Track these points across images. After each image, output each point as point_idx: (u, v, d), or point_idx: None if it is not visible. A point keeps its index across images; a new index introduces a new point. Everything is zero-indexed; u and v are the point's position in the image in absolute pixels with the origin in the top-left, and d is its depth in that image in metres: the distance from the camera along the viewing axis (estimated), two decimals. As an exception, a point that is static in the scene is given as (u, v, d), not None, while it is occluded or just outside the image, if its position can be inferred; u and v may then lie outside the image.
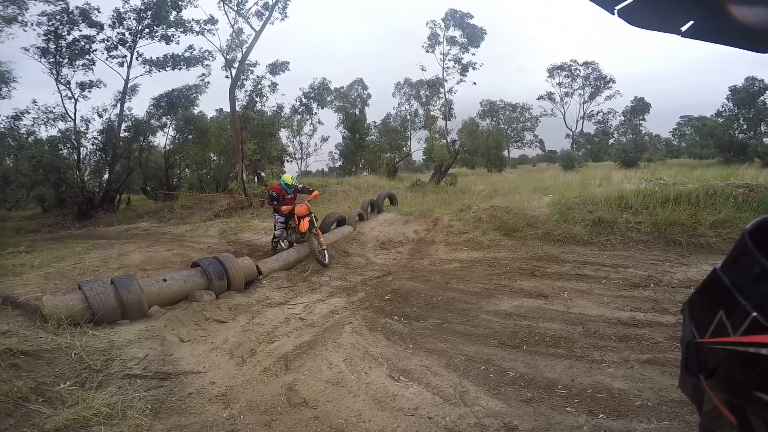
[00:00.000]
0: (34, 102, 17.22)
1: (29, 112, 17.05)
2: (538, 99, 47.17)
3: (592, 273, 5.08)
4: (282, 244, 7.28)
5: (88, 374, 2.89)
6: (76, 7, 16.31)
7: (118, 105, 18.19)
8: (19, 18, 15.50)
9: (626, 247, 5.95)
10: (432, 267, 5.93)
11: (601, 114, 46.65)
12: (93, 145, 18.45)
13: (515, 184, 14.22)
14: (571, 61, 44.73)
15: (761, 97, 25.12)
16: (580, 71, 44.56)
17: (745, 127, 25.26)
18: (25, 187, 17.83)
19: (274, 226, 7.19)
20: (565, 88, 45.92)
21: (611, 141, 45.21)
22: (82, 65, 17.26)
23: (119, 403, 2.53)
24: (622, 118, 46.15)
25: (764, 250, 0.64)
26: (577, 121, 47.35)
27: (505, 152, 42.39)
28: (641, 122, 45.38)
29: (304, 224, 6.31)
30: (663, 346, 3.16)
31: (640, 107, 44.83)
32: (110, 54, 17.59)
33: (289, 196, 6.88)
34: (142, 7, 16.96)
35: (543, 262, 5.64)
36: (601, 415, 2.37)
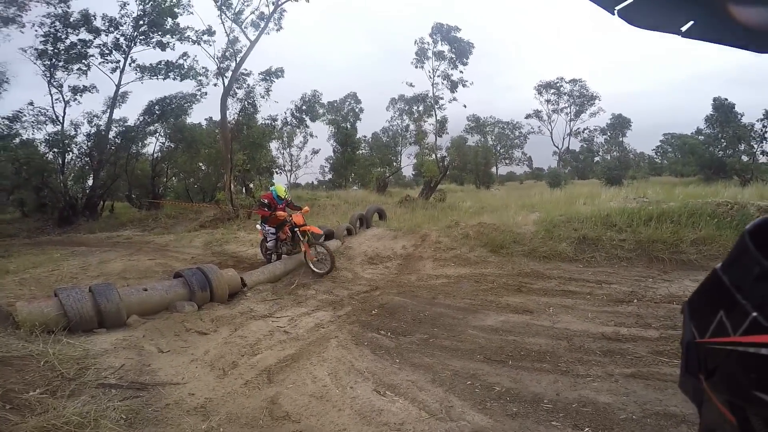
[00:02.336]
0: (31, 104, 17.04)
1: (24, 115, 16.85)
2: (527, 117, 48.19)
3: (577, 289, 5.13)
4: (265, 257, 7.21)
5: (60, 382, 2.78)
6: (79, 12, 16.28)
7: (108, 111, 18.00)
8: (18, 19, 15.36)
9: (610, 264, 6.03)
10: (419, 282, 5.91)
11: (587, 131, 47.77)
12: (79, 149, 18.17)
13: (503, 201, 14.38)
14: (557, 78, 45.90)
15: (737, 118, 26.01)
16: (566, 88, 45.71)
17: (724, 145, 26.07)
18: (5, 191, 17.35)
19: (265, 238, 7.11)
20: (553, 105, 47.03)
21: (596, 159, 46.20)
22: (77, 69, 17.15)
23: (92, 412, 2.43)
24: (606, 135, 47.26)
25: (764, 250, 0.64)
26: (563, 138, 48.42)
27: (494, 169, 42.99)
28: (623, 138, 46.58)
29: (309, 228, 6.45)
30: (647, 360, 3.19)
31: (620, 123, 46.04)
32: (105, 59, 17.51)
33: (280, 206, 6.83)
34: (141, 13, 16.96)
35: (529, 278, 5.67)
36: (587, 429, 2.37)
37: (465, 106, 25.04)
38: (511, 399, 2.74)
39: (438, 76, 24.87)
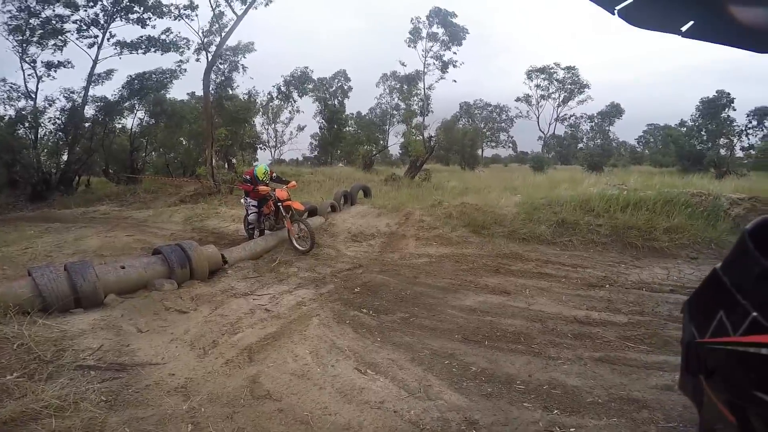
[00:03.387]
0: (3, 80, 16.42)
1: None
2: (516, 100, 48.20)
3: (553, 272, 5.26)
4: (247, 232, 7.15)
5: (37, 365, 2.72)
6: None
7: (86, 85, 17.41)
8: None
9: (586, 248, 6.20)
10: (402, 261, 5.97)
11: (573, 118, 48.09)
12: (53, 124, 17.55)
13: (486, 183, 14.50)
14: (553, 64, 45.78)
15: (725, 111, 26.57)
16: (559, 74, 45.67)
17: (705, 138, 26.66)
18: (-25, 167, 16.65)
19: (246, 210, 7.02)
20: (542, 90, 47.03)
21: (580, 145, 46.75)
22: (52, 45, 16.47)
23: (71, 395, 2.41)
24: (593, 123, 47.72)
25: (764, 250, 0.65)
26: (549, 124, 48.69)
27: (479, 151, 43.06)
28: (610, 127, 47.15)
29: (292, 203, 6.38)
30: (614, 345, 3.30)
31: (613, 112, 46.48)
32: (81, 34, 16.81)
33: (263, 182, 6.73)
34: None
35: (508, 259, 5.79)
36: (556, 411, 2.46)
37: (455, 81, 25.04)
38: (486, 379, 2.82)
39: (430, 56, 24.67)
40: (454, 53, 24.28)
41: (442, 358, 3.12)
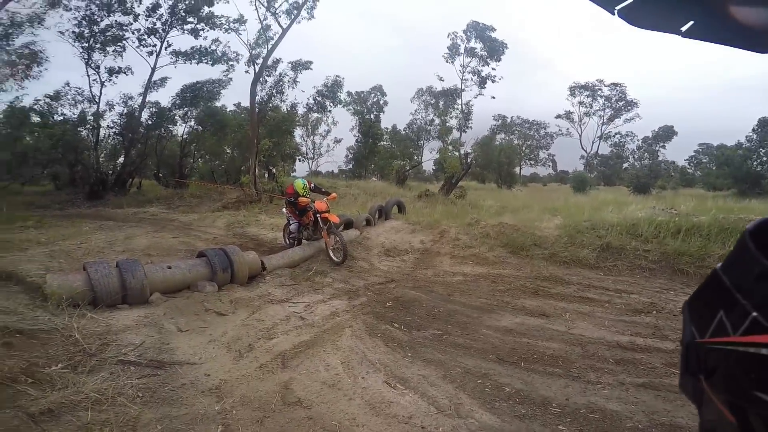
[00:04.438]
0: (67, 84, 17.83)
1: (62, 94, 17.60)
2: (556, 117, 46.92)
3: (596, 296, 5.03)
4: (287, 241, 7.33)
5: (81, 357, 2.87)
6: None
7: (143, 92, 18.65)
8: (62, 2, 15.93)
9: (632, 274, 5.90)
10: (436, 278, 5.90)
11: (618, 136, 46.02)
12: (112, 128, 18.89)
13: (525, 202, 14.16)
14: (597, 80, 44.26)
15: None
16: (603, 91, 44.06)
17: (765, 159, 24.88)
18: (41, 165, 18.16)
19: (288, 221, 7.23)
20: (586, 107, 45.51)
21: (625, 165, 44.74)
22: (113, 51, 17.76)
23: (110, 389, 2.50)
24: (640, 142, 45.56)
25: (765, 250, 0.63)
26: (592, 142, 46.98)
27: (517, 169, 42.22)
28: (662, 148, 44.78)
29: (329, 216, 6.51)
30: (660, 372, 3.14)
31: (664, 135, 44.20)
32: (141, 43, 18.07)
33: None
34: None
35: (547, 282, 5.59)
36: None
37: (493, 97, 24.82)
38: (520, 400, 2.73)
39: (468, 72, 24.63)
40: (493, 69, 24.07)
41: (475, 377, 3.04)
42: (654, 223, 6.78)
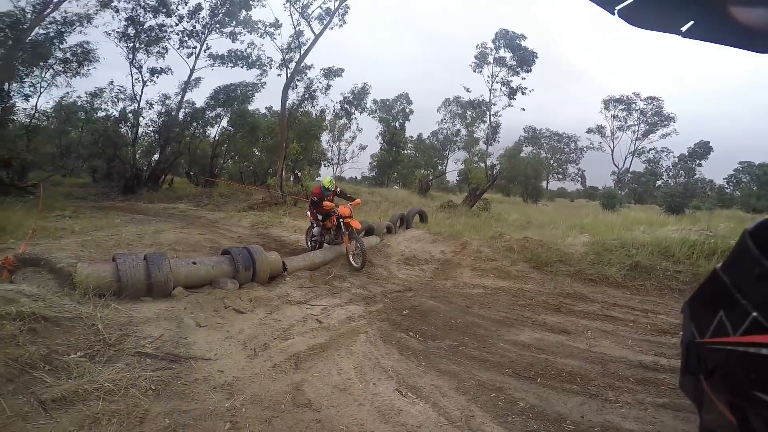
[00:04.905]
0: (111, 83, 18.81)
1: (105, 92, 18.59)
2: (588, 132, 45.46)
3: (621, 315, 4.86)
4: (311, 244, 7.40)
5: (100, 347, 2.94)
6: None
7: (181, 92, 19.38)
8: (112, 4, 16.79)
9: (660, 294, 5.68)
10: (455, 289, 5.82)
11: (653, 152, 44.07)
12: (150, 127, 19.69)
13: (550, 218, 13.85)
14: (633, 93, 42.51)
15: None
16: (639, 105, 42.33)
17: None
18: (82, 158, 19.11)
19: (311, 224, 7.33)
20: (620, 121, 43.85)
21: (659, 183, 42.91)
22: (156, 52, 18.54)
23: (124, 380, 2.55)
24: (675, 159, 43.49)
25: (765, 251, 0.63)
26: (625, 158, 45.30)
27: (544, 183, 41.32)
28: (698, 166, 42.63)
29: (351, 221, 6.55)
30: (681, 392, 2.96)
31: (700, 152, 42.11)
32: (182, 44, 18.81)
33: (328, 198, 7.00)
34: (219, 2, 18.04)
35: (570, 299, 5.43)
36: None
37: (523, 109, 24.39)
38: (533, 416, 2.66)
39: (497, 82, 24.33)
40: (523, 78, 23.60)
41: (489, 390, 2.97)
42: (687, 244, 6.50)
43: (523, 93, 23.78)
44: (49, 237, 6.57)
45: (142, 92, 18.91)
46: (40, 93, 16.94)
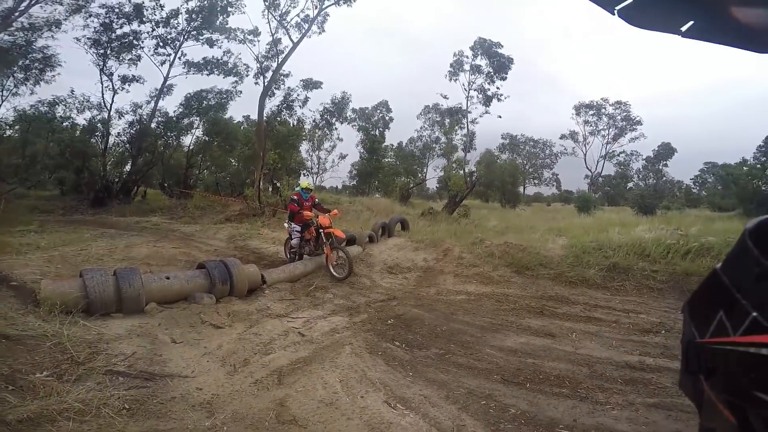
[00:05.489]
0: (72, 91, 18.02)
1: (66, 100, 17.78)
2: (561, 138, 46.77)
3: (603, 316, 4.92)
4: (290, 256, 7.24)
5: (68, 366, 2.77)
6: (130, 2, 16.94)
7: (154, 101, 18.82)
8: (84, 10, 16.22)
9: (639, 294, 5.79)
10: (438, 296, 5.78)
11: (623, 155, 45.77)
12: (121, 137, 19.02)
13: (529, 222, 14.07)
14: (601, 99, 44.14)
15: None
16: (608, 110, 44.04)
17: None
18: (48, 169, 18.31)
19: (290, 235, 7.16)
20: (590, 126, 45.42)
21: (630, 185, 44.48)
22: (128, 60, 17.94)
23: (95, 399, 2.39)
24: (644, 162, 45.35)
25: (764, 250, 0.63)
26: (597, 162, 46.79)
27: (521, 188, 42.10)
28: (663, 167, 44.53)
29: (333, 231, 6.46)
30: (671, 391, 3.03)
31: (664, 153, 44.06)
32: (156, 51, 18.27)
33: (306, 203, 6.87)
34: (196, 8, 17.67)
35: (553, 302, 5.47)
36: None
37: (500, 117, 24.83)
38: (525, 422, 2.63)
39: (473, 89, 24.74)
40: (498, 88, 24.12)
41: (479, 398, 2.93)
42: (662, 245, 6.67)
43: (499, 99, 24.24)
44: (12, 253, 6.20)
45: (112, 101, 18.31)
46: (2, 102, 16.22)
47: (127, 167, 19.29)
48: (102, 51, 17.35)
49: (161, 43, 18.09)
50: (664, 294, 5.71)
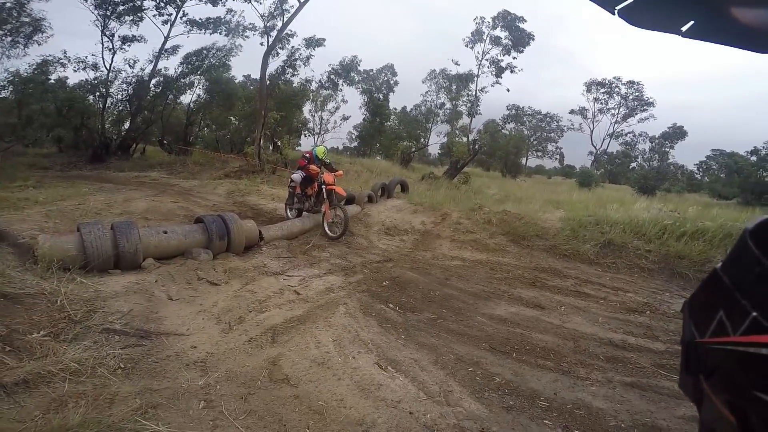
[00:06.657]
0: (64, 52, 17.58)
1: (58, 61, 17.35)
2: (570, 113, 46.07)
3: (592, 292, 4.99)
4: (289, 213, 7.25)
5: (65, 325, 2.77)
6: None
7: (154, 60, 18.37)
8: None
9: (630, 272, 5.85)
10: (434, 261, 5.84)
11: (630, 135, 45.20)
12: (120, 95, 18.74)
13: (528, 193, 14.01)
14: (614, 78, 43.25)
15: None
16: (620, 89, 43.12)
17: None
18: (46, 127, 18.04)
19: (290, 191, 7.17)
20: (601, 104, 44.61)
21: (633, 165, 44.17)
22: (130, 20, 17.40)
23: (91, 359, 2.40)
24: (650, 144, 44.85)
25: (765, 250, 0.63)
26: (603, 139, 46.23)
27: (523, 159, 41.72)
28: (670, 149, 44.14)
29: (335, 188, 6.51)
30: (648, 372, 3.12)
31: (675, 134, 43.51)
32: (159, 11, 17.65)
33: (316, 164, 6.84)
34: None
35: (546, 273, 5.53)
36: (576, 431, 2.34)
37: (508, 90, 24.29)
38: (509, 391, 2.70)
39: (486, 59, 24.03)
40: (513, 58, 23.38)
41: (467, 364, 3.00)
42: (659, 224, 6.67)
43: (512, 72, 23.59)
44: (10, 208, 6.16)
45: (112, 60, 17.88)
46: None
47: (126, 125, 19.01)
48: (104, 12, 16.84)
49: (164, 3, 17.40)
50: (654, 275, 5.77)
